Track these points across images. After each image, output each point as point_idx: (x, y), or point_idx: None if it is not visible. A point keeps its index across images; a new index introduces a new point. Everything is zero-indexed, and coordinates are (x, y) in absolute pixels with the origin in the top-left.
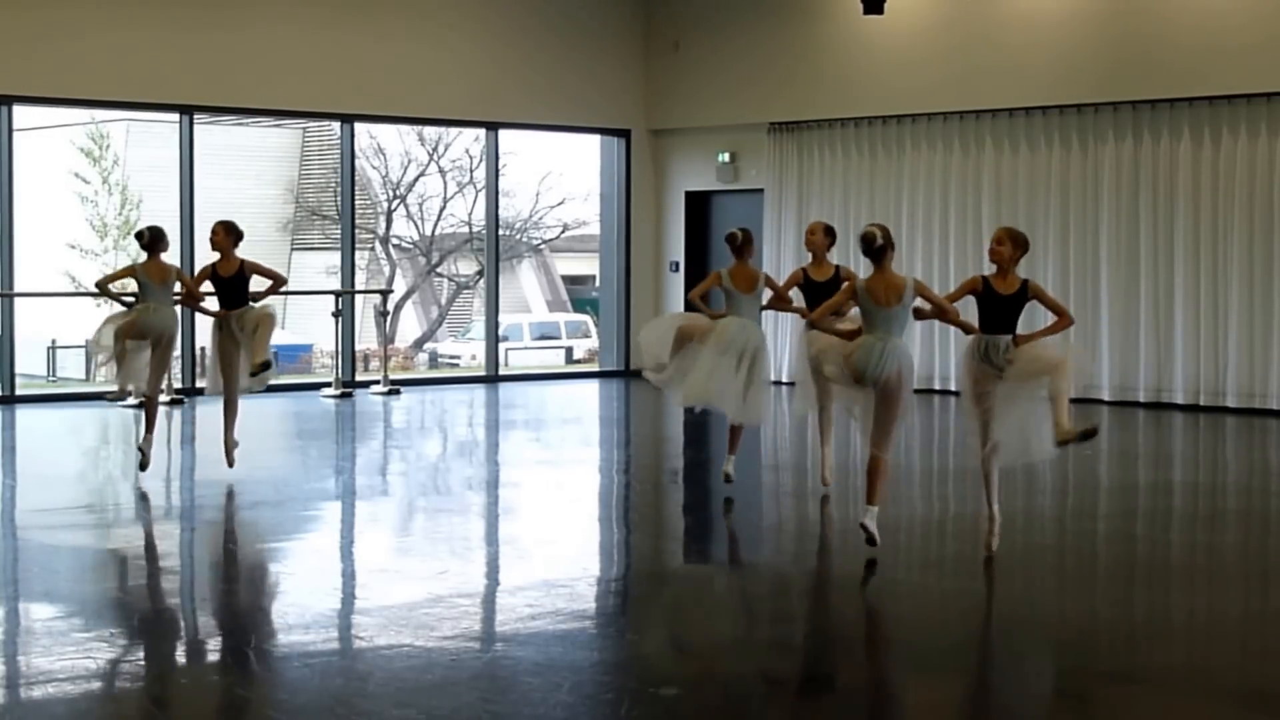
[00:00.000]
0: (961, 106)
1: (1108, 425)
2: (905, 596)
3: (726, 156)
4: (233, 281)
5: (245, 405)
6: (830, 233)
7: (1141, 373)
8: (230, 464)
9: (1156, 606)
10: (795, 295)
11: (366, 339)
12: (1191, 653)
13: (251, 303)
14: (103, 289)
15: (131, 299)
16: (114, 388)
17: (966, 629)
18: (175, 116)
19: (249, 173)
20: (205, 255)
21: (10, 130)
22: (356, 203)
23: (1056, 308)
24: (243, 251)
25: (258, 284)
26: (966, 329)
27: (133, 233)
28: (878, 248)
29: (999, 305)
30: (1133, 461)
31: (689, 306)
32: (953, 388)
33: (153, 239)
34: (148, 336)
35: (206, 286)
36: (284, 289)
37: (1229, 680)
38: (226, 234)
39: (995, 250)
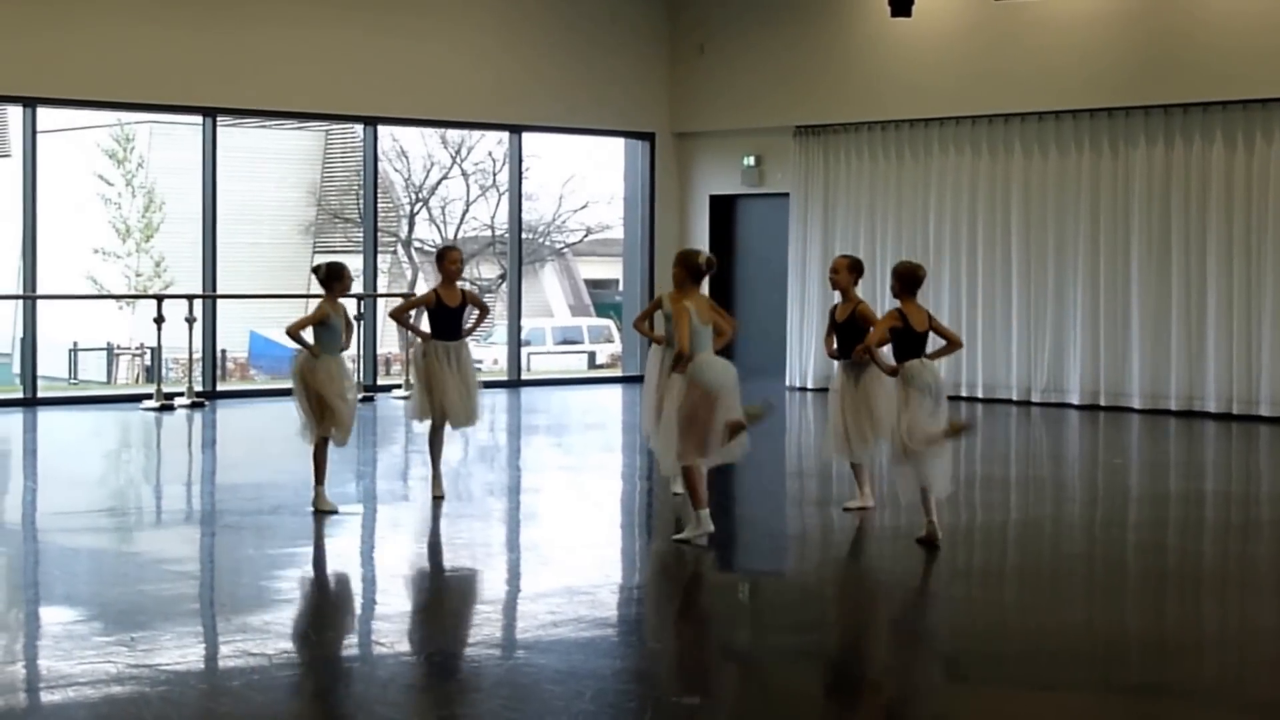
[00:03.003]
0: (990, 110)
1: (1140, 434)
2: (933, 606)
3: (752, 160)
4: (456, 312)
5: (262, 408)
6: (856, 268)
7: (1173, 381)
8: (439, 494)
9: (1188, 618)
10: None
11: (388, 343)
12: (1223, 665)
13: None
14: (294, 336)
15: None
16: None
17: (994, 639)
18: (198, 119)
19: (271, 175)
20: (230, 263)
21: (35, 132)
22: (379, 206)
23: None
24: (265, 255)
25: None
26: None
27: (310, 267)
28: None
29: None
30: (1164, 471)
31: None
32: (980, 395)
33: (329, 275)
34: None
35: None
36: (308, 294)
37: (1261, 694)
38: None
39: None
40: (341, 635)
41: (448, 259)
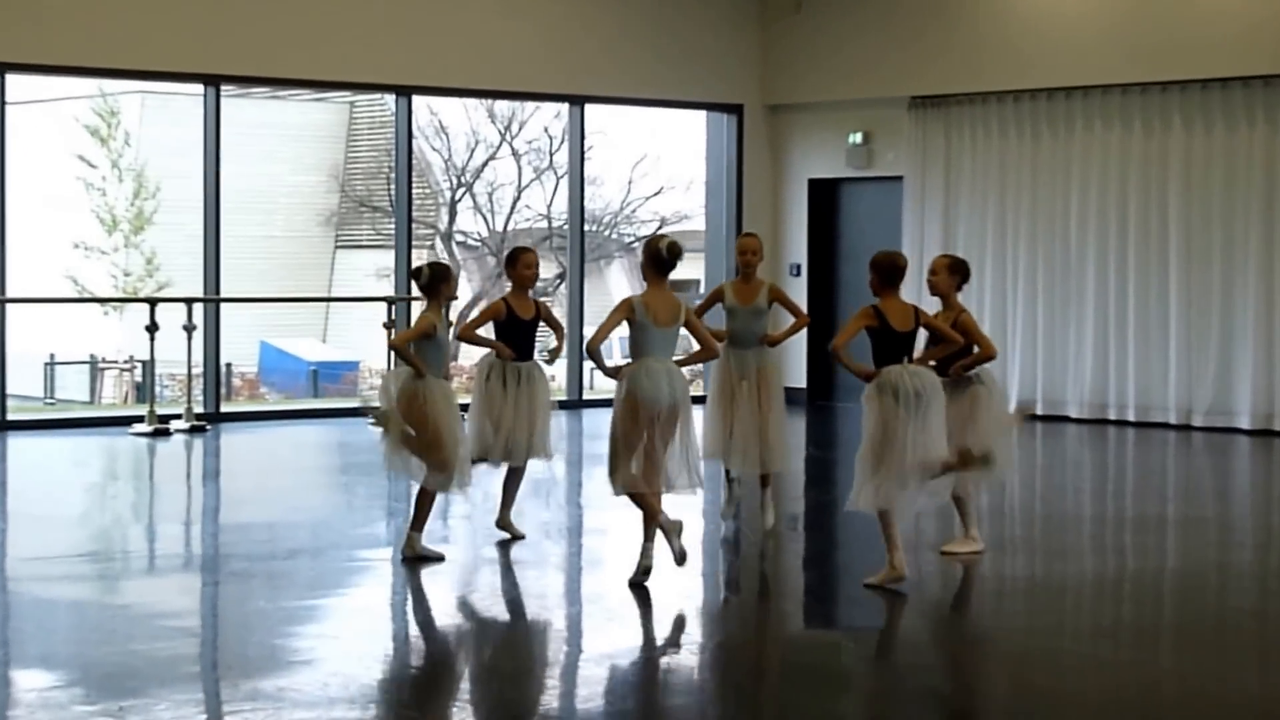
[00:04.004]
0: (1145, 77)
1: None
2: (1071, 670)
3: (859, 138)
4: (529, 327)
5: (275, 433)
6: (958, 269)
7: None
8: (514, 534)
9: None
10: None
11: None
12: None
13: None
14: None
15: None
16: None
17: (1150, 710)
18: (199, 88)
19: (285, 155)
20: (237, 261)
21: (2, 104)
22: (414, 192)
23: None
24: (279, 249)
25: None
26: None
27: (411, 270)
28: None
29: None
30: None
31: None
32: (1131, 418)
33: (434, 278)
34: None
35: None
36: (330, 298)
37: None
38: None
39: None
40: (368, 705)
41: (521, 262)
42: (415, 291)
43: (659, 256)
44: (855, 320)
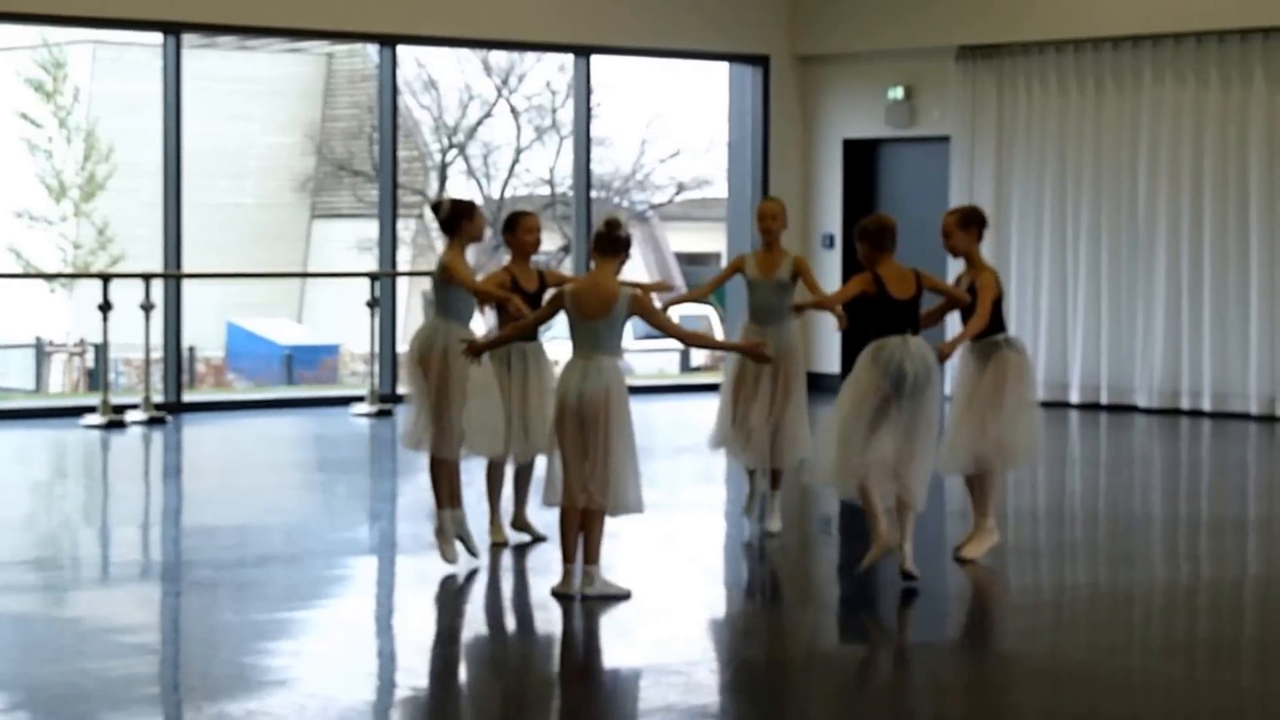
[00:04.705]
0: (1223, 24)
1: None
2: (1141, 690)
3: (900, 93)
4: (533, 299)
5: (243, 425)
6: (971, 221)
7: None
8: (535, 535)
9: None
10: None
11: None
12: None
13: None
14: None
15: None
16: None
17: None
18: (157, 38)
19: (255, 114)
20: (201, 231)
21: None
22: (399, 154)
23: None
24: (248, 219)
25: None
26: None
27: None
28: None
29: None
30: None
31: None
32: (1207, 407)
33: (455, 214)
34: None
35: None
36: (305, 273)
37: None
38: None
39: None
40: None
41: (522, 227)
42: (400, 266)
43: (602, 237)
44: (852, 284)
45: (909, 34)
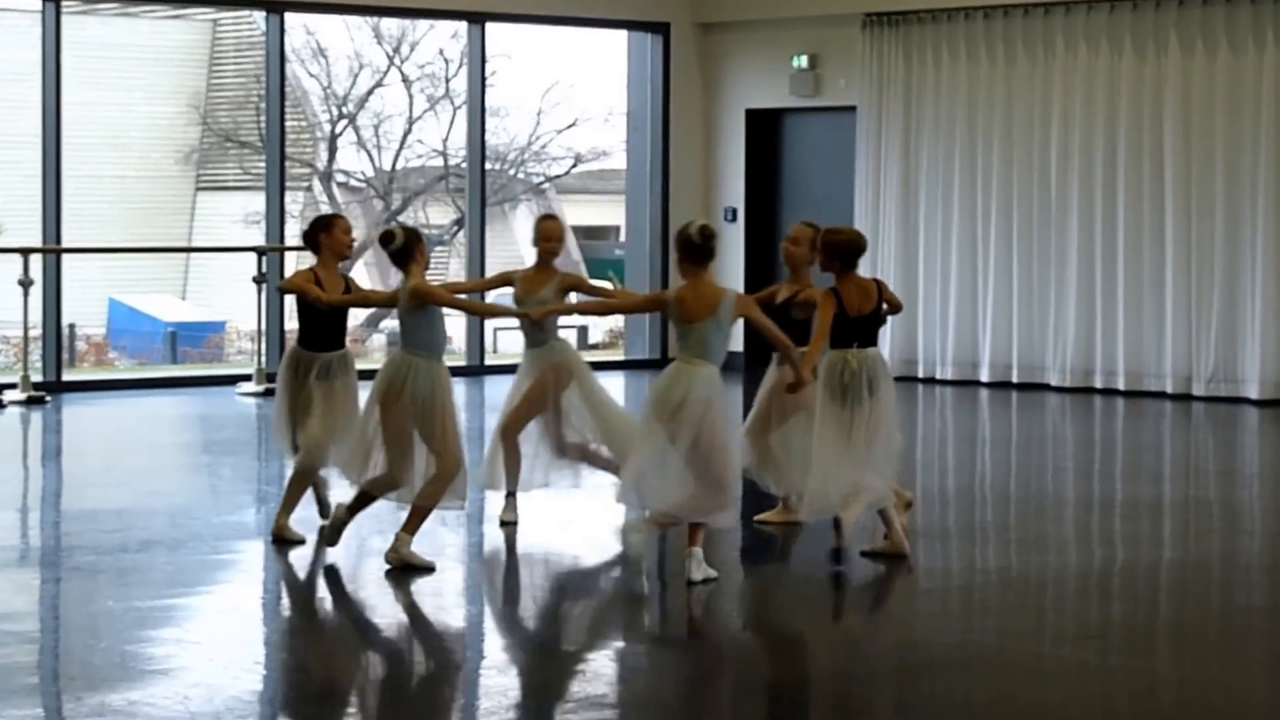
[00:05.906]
0: None
1: None
2: (1053, 676)
3: (804, 61)
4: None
5: (126, 405)
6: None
7: None
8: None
9: None
10: None
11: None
12: None
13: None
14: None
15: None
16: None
17: None
18: (36, 3)
19: (138, 82)
20: (81, 204)
21: None
22: (287, 125)
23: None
24: (130, 192)
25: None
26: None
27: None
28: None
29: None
30: None
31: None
32: (1121, 386)
33: (408, 241)
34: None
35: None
36: (190, 248)
37: None
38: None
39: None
40: None
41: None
42: (291, 240)
43: (689, 243)
44: (823, 314)
45: (814, 0)
